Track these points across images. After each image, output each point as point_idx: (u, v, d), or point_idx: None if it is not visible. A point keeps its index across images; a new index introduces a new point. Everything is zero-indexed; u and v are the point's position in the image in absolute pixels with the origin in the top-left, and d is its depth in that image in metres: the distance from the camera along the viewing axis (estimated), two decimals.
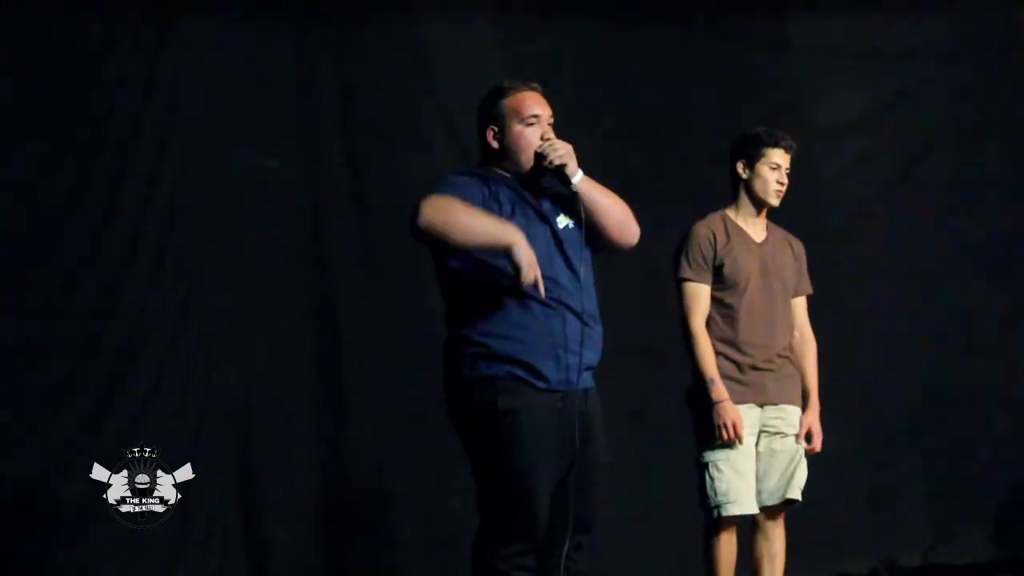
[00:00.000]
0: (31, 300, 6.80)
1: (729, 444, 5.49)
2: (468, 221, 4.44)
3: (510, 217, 4.55)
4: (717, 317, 5.61)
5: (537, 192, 4.67)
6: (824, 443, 5.87)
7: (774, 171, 5.68)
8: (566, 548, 4.55)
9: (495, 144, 4.68)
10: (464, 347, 4.55)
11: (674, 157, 7.43)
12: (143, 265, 6.94)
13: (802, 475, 5.67)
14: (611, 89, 7.45)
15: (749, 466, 5.58)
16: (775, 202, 5.70)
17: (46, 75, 6.88)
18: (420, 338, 7.04)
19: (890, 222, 7.70)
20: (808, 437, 5.72)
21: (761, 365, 5.60)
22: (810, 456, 5.78)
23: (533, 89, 4.71)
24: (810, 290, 5.87)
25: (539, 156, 4.61)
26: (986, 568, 7.54)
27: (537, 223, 4.62)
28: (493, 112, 4.69)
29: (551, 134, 4.66)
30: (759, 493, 5.63)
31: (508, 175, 4.67)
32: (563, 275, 4.60)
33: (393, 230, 7.09)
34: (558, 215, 4.67)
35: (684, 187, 7.27)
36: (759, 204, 5.71)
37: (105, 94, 6.97)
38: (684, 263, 5.62)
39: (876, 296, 7.65)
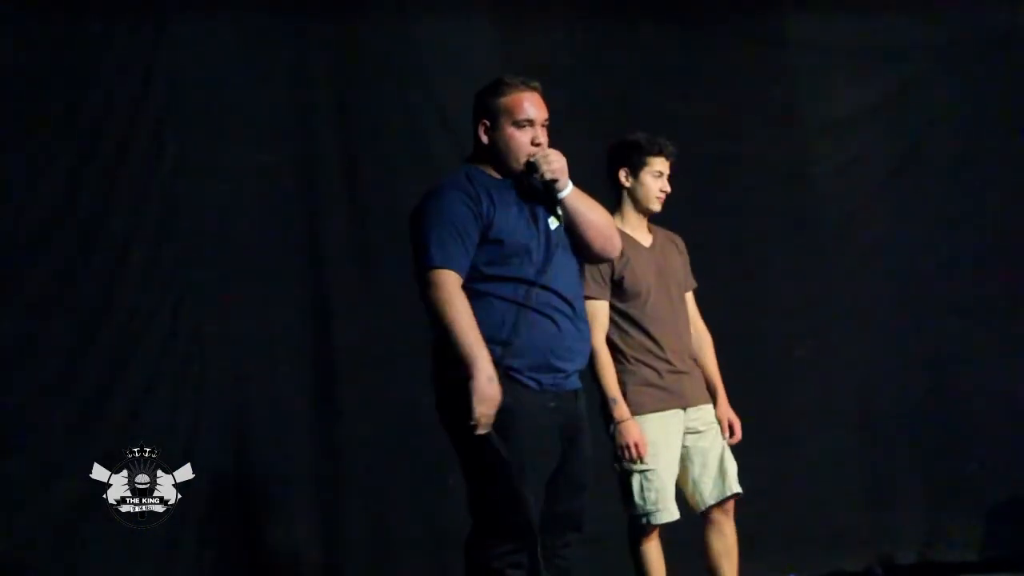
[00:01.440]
0: (26, 299, 6.79)
1: (652, 454, 5.49)
2: (461, 326, 4.45)
3: (507, 224, 4.57)
4: (628, 329, 5.57)
5: (527, 195, 4.66)
6: (821, 441, 5.95)
7: (657, 179, 5.65)
8: (555, 545, 4.58)
9: (485, 139, 4.69)
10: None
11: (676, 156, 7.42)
12: (138, 264, 6.93)
13: (734, 467, 5.67)
14: (608, 88, 7.44)
15: (674, 473, 5.59)
16: (657, 208, 5.66)
17: (41, 73, 6.86)
18: (415, 337, 7.03)
19: (886, 219, 7.70)
20: (730, 429, 5.72)
21: (679, 368, 5.59)
22: (807, 454, 5.80)
23: (533, 89, 4.69)
24: (695, 284, 5.84)
25: (530, 165, 4.61)
26: (981, 566, 7.55)
27: (531, 227, 4.62)
28: (488, 107, 4.69)
29: (544, 140, 4.66)
30: (700, 494, 5.64)
31: (498, 177, 4.66)
32: (558, 278, 4.61)
33: (388, 230, 7.15)
34: (548, 216, 4.67)
35: (682, 185, 7.27)
36: (644, 211, 5.67)
37: (100, 92, 6.94)
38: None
39: (871, 294, 7.65)
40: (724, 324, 7.07)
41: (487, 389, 4.40)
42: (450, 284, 4.50)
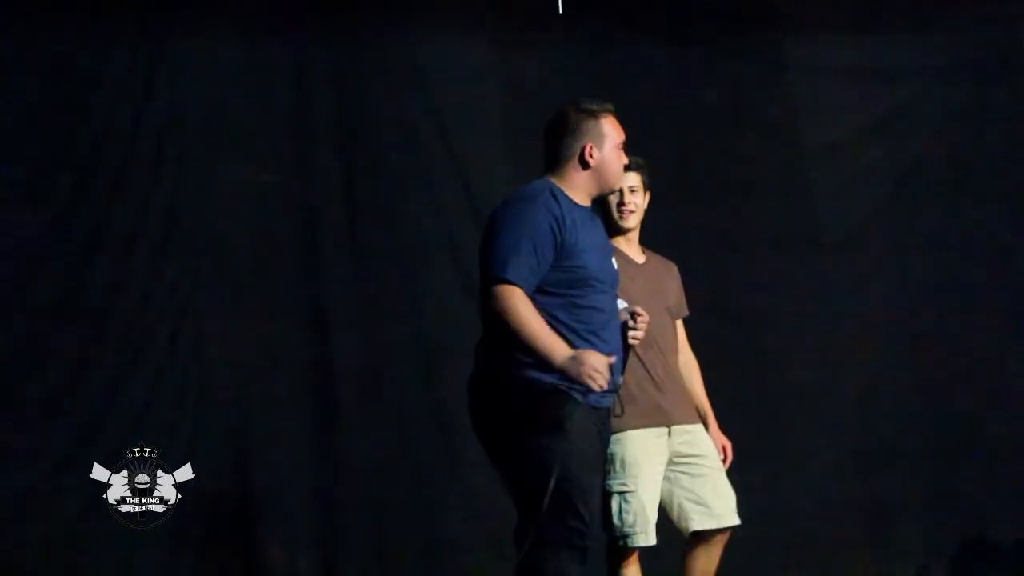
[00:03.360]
0: (30, 309, 6.83)
1: (632, 474, 5.43)
2: (532, 326, 4.58)
3: (588, 253, 4.72)
4: None
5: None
6: (819, 456, 5.96)
7: (632, 193, 5.56)
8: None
9: (592, 161, 4.77)
10: (514, 353, 4.60)
11: (671, 175, 7.45)
12: (139, 276, 6.98)
13: (731, 497, 5.56)
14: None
15: (655, 495, 5.48)
16: (626, 223, 5.54)
17: (44, 88, 6.93)
18: (414, 348, 7.08)
19: (885, 239, 7.71)
20: (724, 453, 5.65)
21: (664, 387, 5.50)
22: (806, 473, 5.78)
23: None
24: (687, 312, 5.76)
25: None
26: None
27: (606, 260, 4.84)
28: (591, 129, 4.79)
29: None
30: (686, 519, 5.50)
31: (577, 202, 4.76)
32: (609, 306, 4.77)
33: (389, 244, 7.20)
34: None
35: (680, 203, 7.31)
36: (617, 228, 5.57)
37: (102, 108, 7.01)
38: None
39: (871, 313, 7.66)
40: (722, 343, 7.13)
41: (586, 358, 4.52)
42: (516, 298, 4.59)
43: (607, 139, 4.78)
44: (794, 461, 7.44)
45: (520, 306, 4.57)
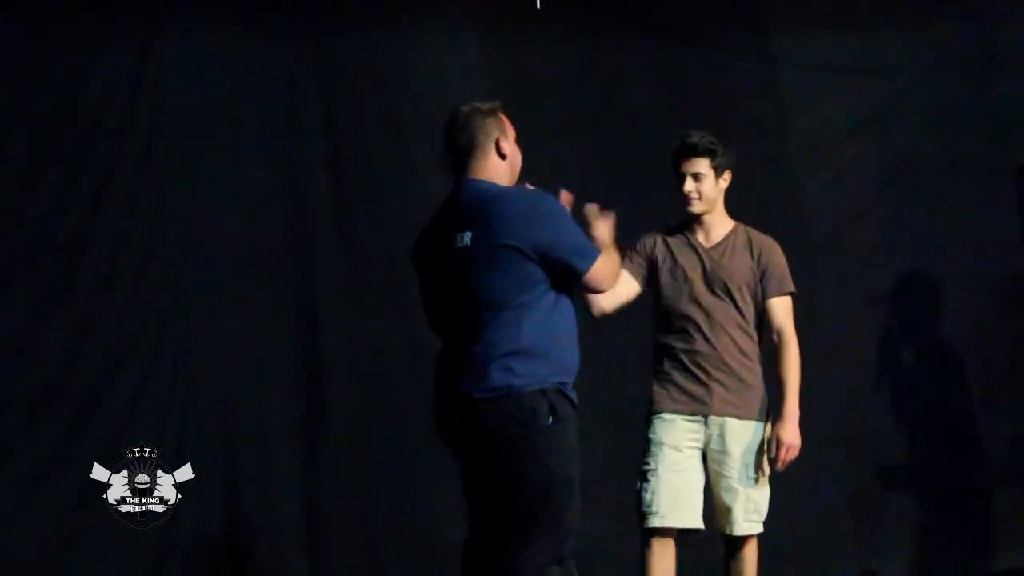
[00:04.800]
0: (20, 306, 6.83)
1: (654, 454, 5.53)
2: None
3: None
4: (659, 328, 5.78)
5: None
6: (806, 455, 5.91)
7: (684, 181, 5.79)
8: None
9: (506, 152, 4.85)
10: (524, 358, 4.62)
11: (661, 170, 7.45)
12: (127, 274, 6.98)
13: (745, 506, 5.64)
14: (599, 103, 7.48)
15: (683, 481, 5.55)
16: (691, 208, 5.79)
17: (30, 86, 6.93)
18: (403, 351, 7.08)
19: (873, 234, 7.73)
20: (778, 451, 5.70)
21: (706, 375, 5.62)
22: (791, 468, 5.80)
23: None
24: (783, 288, 5.86)
25: None
26: None
27: None
28: (497, 124, 4.87)
29: None
30: (716, 517, 5.63)
31: None
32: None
33: (377, 245, 7.19)
34: None
35: (671, 200, 7.30)
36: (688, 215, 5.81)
37: (89, 107, 7.01)
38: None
39: (860, 308, 7.67)
40: None
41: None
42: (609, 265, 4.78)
43: (510, 131, 4.84)
44: None
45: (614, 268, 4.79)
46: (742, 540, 5.67)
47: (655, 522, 5.54)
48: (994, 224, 7.71)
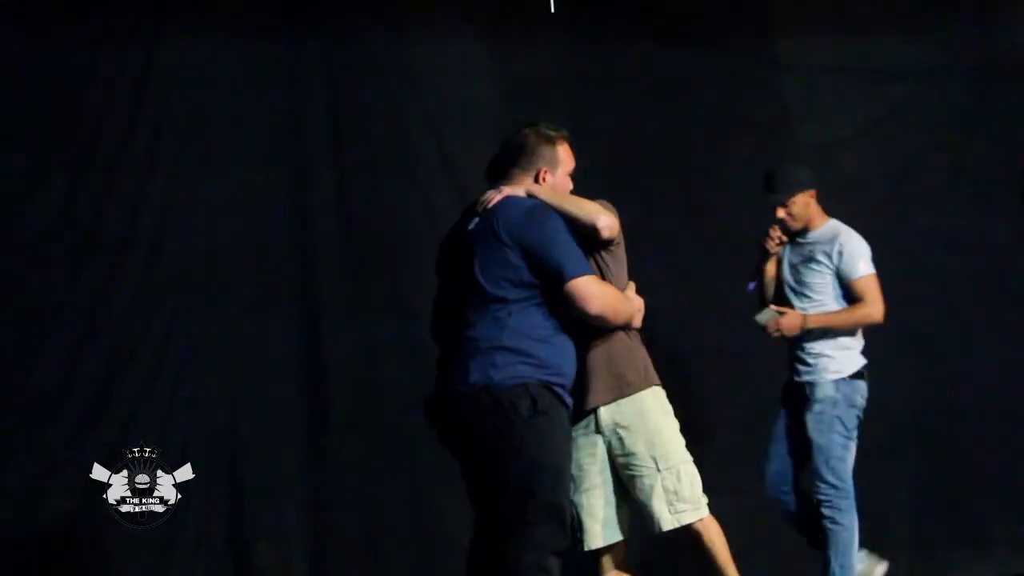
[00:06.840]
0: (24, 308, 6.84)
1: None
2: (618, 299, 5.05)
3: None
4: None
5: None
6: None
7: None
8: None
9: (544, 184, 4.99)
10: (506, 354, 4.72)
11: (665, 174, 7.47)
12: (132, 277, 6.99)
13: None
14: (601, 107, 7.49)
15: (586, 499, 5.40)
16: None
17: (36, 92, 6.95)
18: (406, 347, 7.08)
19: (877, 240, 7.71)
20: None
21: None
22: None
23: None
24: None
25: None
26: None
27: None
28: (549, 155, 5.01)
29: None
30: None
31: None
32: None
33: (379, 246, 7.20)
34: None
35: (675, 203, 7.32)
36: None
37: (94, 111, 7.04)
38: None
39: None
40: (713, 340, 7.14)
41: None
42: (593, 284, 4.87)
43: (561, 166, 4.99)
44: None
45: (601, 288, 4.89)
46: (693, 534, 5.28)
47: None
48: (1000, 227, 7.70)
